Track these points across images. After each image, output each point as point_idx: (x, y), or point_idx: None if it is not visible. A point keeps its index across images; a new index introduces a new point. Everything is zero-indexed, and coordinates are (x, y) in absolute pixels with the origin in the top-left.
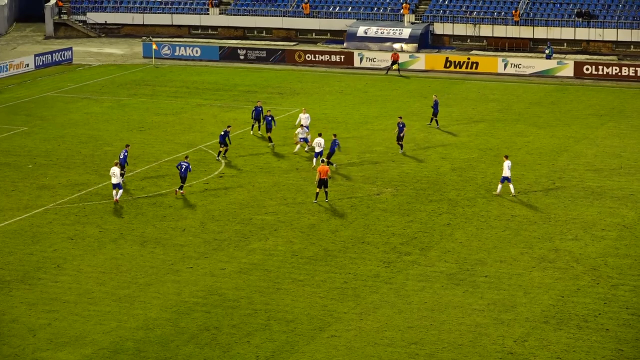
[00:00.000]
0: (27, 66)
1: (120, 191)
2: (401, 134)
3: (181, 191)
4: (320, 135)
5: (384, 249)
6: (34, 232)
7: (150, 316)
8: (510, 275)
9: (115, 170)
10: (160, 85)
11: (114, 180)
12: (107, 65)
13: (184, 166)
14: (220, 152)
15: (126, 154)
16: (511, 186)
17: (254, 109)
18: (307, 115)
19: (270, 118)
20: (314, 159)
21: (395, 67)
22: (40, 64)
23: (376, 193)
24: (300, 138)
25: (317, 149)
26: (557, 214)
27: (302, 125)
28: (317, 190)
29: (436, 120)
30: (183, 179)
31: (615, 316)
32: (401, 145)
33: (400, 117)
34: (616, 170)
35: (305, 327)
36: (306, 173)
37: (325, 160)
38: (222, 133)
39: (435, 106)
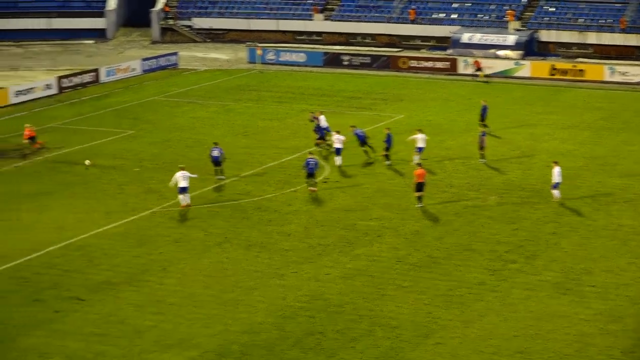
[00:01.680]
0: (134, 70)
1: (188, 195)
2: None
3: (312, 188)
4: (338, 132)
5: (489, 257)
6: (141, 235)
7: (256, 320)
8: (617, 285)
9: (184, 174)
10: (265, 90)
11: (183, 184)
12: (212, 70)
13: (312, 162)
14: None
15: (217, 151)
16: (555, 192)
17: (315, 120)
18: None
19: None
20: (337, 157)
21: (481, 74)
22: (147, 68)
23: (481, 200)
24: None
25: (337, 145)
26: None
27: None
28: (416, 194)
29: (484, 124)
30: (311, 175)
31: None
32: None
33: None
34: None
35: (410, 333)
36: (409, 179)
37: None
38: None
39: (484, 111)
